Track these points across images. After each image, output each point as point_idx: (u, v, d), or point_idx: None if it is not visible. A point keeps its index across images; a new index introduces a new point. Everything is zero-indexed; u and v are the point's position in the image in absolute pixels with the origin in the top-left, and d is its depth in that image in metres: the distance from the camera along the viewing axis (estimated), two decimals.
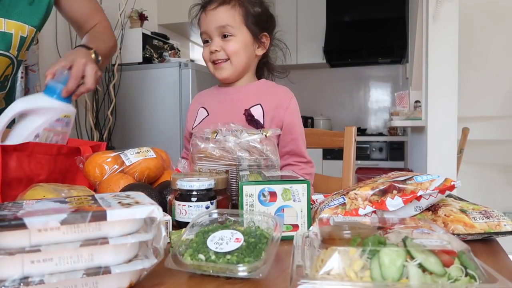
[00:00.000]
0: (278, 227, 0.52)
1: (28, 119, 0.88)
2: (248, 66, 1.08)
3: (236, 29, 1.03)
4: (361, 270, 0.38)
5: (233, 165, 0.79)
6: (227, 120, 0.99)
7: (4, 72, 1.09)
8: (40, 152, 0.84)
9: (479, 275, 0.37)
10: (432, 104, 2.44)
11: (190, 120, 1.15)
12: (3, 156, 0.77)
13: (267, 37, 1.08)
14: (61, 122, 0.92)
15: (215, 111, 1.10)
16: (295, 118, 1.06)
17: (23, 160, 0.80)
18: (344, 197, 0.64)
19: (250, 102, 1.05)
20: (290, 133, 1.05)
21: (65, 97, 0.91)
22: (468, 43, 2.68)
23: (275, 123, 1.04)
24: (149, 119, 2.43)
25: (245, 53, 1.05)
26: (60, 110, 0.91)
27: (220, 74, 1.06)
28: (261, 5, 1.07)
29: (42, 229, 0.40)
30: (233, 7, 1.03)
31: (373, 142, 3.90)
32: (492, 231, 0.57)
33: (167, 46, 2.72)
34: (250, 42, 1.05)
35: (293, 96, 1.09)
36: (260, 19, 1.06)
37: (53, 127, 0.91)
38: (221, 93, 1.12)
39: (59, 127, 0.92)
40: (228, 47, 1.03)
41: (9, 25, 1.04)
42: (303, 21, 4.20)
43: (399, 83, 4.37)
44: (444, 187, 0.60)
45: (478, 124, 2.83)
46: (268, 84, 1.12)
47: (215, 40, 1.04)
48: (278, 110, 1.04)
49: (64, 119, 0.92)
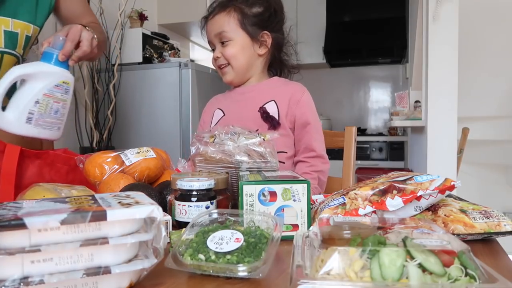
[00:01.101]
0: (278, 227, 0.51)
1: (27, 85, 0.88)
2: (251, 66, 1.09)
3: (232, 34, 1.05)
4: (361, 270, 0.38)
5: (233, 167, 0.79)
6: (243, 118, 1.00)
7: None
8: (60, 162, 0.85)
9: (479, 275, 0.37)
10: (432, 104, 2.43)
11: (206, 122, 1.17)
12: (24, 161, 0.79)
13: (268, 35, 1.08)
14: (60, 88, 0.92)
15: (230, 110, 1.12)
16: (307, 112, 1.06)
17: (43, 167, 0.82)
18: (344, 197, 0.64)
19: (264, 99, 1.06)
20: (302, 127, 1.05)
21: (62, 60, 0.91)
22: (468, 43, 2.68)
23: (289, 118, 1.05)
24: (149, 119, 2.43)
25: (244, 55, 1.06)
26: (58, 75, 0.91)
27: (225, 78, 1.10)
28: (261, 4, 1.08)
29: (42, 229, 0.40)
30: (228, 13, 1.06)
31: (373, 142, 3.90)
32: (492, 231, 0.57)
33: (167, 46, 2.72)
34: (248, 43, 1.06)
35: (306, 91, 1.10)
36: (260, 18, 1.07)
37: (52, 93, 0.90)
38: (235, 94, 1.14)
39: (58, 93, 0.92)
40: (225, 52, 1.06)
41: (16, 24, 1.06)
42: (303, 21, 4.20)
43: (399, 83, 4.37)
44: (444, 187, 0.60)
45: (478, 124, 2.83)
46: (281, 81, 1.14)
47: (217, 47, 1.08)
48: (291, 104, 1.05)
49: (63, 85, 0.92)
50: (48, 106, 0.90)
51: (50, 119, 0.92)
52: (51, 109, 0.91)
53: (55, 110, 0.92)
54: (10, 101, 0.88)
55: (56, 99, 0.91)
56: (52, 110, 0.91)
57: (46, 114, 0.90)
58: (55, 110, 0.92)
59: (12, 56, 1.09)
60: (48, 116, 0.91)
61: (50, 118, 0.92)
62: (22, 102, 0.86)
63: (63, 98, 0.93)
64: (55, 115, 0.93)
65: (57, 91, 0.91)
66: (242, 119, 1.01)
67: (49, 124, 0.92)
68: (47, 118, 0.91)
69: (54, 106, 0.92)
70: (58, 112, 0.93)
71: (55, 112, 0.92)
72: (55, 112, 0.92)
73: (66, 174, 0.85)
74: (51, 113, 0.92)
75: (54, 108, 0.92)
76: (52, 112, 0.91)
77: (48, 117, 0.91)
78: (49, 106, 0.90)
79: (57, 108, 0.92)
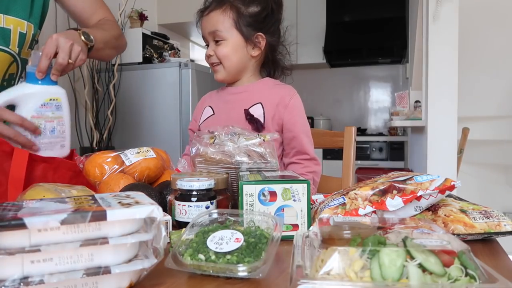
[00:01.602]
0: (278, 227, 0.51)
1: (15, 111, 0.85)
2: (243, 67, 1.09)
3: (226, 33, 1.05)
4: (361, 270, 0.38)
5: (233, 168, 0.79)
6: (230, 118, 1.00)
7: (7, 69, 1.08)
8: (64, 168, 0.84)
9: (479, 275, 0.37)
10: (432, 104, 2.43)
11: (196, 118, 1.18)
12: (32, 164, 0.79)
13: (263, 37, 1.07)
14: (49, 106, 0.87)
15: (219, 110, 1.12)
16: (295, 116, 1.06)
17: (47, 171, 0.81)
18: (344, 197, 0.64)
19: (252, 101, 1.06)
20: (290, 131, 1.05)
21: (40, 78, 0.86)
22: (468, 43, 2.68)
23: (276, 121, 1.04)
24: (149, 119, 2.43)
25: (236, 56, 1.06)
26: (42, 94, 0.86)
27: (216, 76, 1.10)
28: (259, 4, 1.07)
29: (42, 229, 0.40)
30: (223, 11, 1.05)
31: (373, 142, 3.90)
32: (492, 231, 0.57)
33: (167, 46, 2.72)
34: (241, 44, 1.06)
35: (295, 94, 1.09)
36: (255, 19, 1.06)
37: (41, 114, 0.86)
38: (226, 93, 1.14)
39: (49, 112, 0.87)
40: (218, 52, 1.06)
41: (8, 20, 1.04)
42: (303, 21, 4.20)
43: (399, 83, 4.37)
44: (444, 187, 0.60)
45: (478, 124, 2.83)
46: (272, 83, 1.13)
47: (210, 45, 1.08)
48: (279, 108, 1.05)
49: (51, 102, 0.87)
50: (41, 128, 0.86)
51: (47, 139, 0.87)
52: (45, 130, 0.87)
53: (51, 129, 0.87)
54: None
55: (47, 119, 0.87)
56: (47, 131, 0.87)
57: (42, 136, 0.86)
58: (50, 130, 0.87)
59: (6, 54, 1.06)
60: (45, 137, 0.87)
61: (47, 139, 0.87)
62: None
63: (56, 115, 0.88)
64: (52, 134, 0.88)
65: (46, 110, 0.86)
66: (229, 120, 1.01)
67: (48, 145, 0.88)
68: (43, 139, 0.87)
69: (48, 126, 0.87)
70: (55, 130, 0.88)
71: (51, 132, 0.88)
72: (51, 132, 0.88)
73: (69, 179, 0.84)
74: (47, 133, 0.87)
75: (49, 127, 0.87)
76: (47, 132, 0.87)
77: (44, 138, 0.87)
78: (41, 128, 0.86)
79: (53, 127, 0.88)
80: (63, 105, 0.90)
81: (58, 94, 0.89)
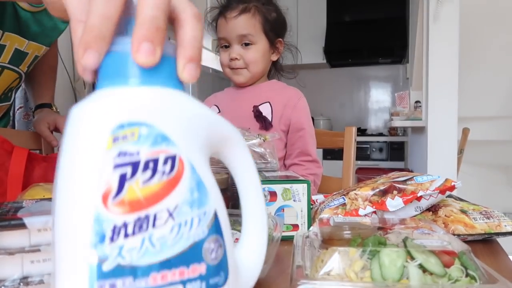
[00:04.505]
0: (278, 227, 0.51)
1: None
2: (264, 72, 1.10)
3: (256, 37, 1.04)
4: (361, 270, 0.38)
5: None
6: (237, 116, 1.00)
7: (11, 84, 1.12)
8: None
9: (479, 275, 0.37)
10: (432, 104, 2.43)
11: None
12: (31, 163, 0.80)
13: (281, 42, 1.09)
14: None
15: (226, 108, 1.12)
16: (302, 117, 1.07)
17: (49, 171, 0.83)
18: (344, 197, 0.64)
19: (260, 100, 1.07)
20: (297, 131, 1.06)
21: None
22: (468, 43, 2.68)
23: (283, 121, 1.05)
24: None
25: (263, 61, 1.07)
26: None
27: (238, 78, 1.08)
28: (276, 10, 1.08)
29: (42, 229, 0.40)
30: (253, 16, 1.04)
31: (373, 142, 3.89)
32: (493, 231, 0.57)
33: None
34: (267, 49, 1.07)
35: (302, 96, 1.10)
36: (276, 25, 1.07)
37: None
38: (234, 93, 1.15)
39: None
40: (247, 56, 1.04)
41: (30, 46, 1.06)
42: (303, 21, 4.20)
43: (400, 83, 4.36)
44: (445, 188, 0.60)
45: (478, 124, 2.83)
46: (279, 85, 1.15)
47: (235, 48, 1.05)
48: (286, 109, 1.06)
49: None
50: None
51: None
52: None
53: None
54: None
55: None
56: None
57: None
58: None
59: (14, 72, 1.09)
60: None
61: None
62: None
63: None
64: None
65: None
66: (236, 117, 1.01)
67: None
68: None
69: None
70: None
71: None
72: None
73: None
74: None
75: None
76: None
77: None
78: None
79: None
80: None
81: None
